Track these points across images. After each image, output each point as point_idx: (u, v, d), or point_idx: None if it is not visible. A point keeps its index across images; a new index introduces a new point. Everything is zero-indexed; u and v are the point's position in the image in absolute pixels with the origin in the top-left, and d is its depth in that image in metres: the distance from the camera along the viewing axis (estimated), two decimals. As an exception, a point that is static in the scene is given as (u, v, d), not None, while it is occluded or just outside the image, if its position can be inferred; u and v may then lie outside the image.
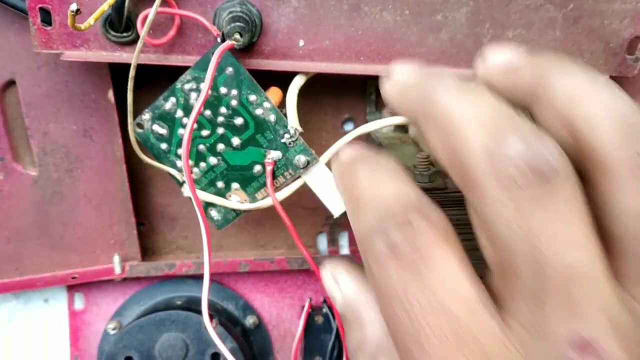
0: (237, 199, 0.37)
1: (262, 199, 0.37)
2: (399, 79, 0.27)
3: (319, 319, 0.46)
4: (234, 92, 0.34)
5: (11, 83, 0.39)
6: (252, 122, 0.35)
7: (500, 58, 0.24)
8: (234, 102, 0.35)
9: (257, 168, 0.36)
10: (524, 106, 0.22)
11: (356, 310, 0.26)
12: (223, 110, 0.35)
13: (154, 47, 0.35)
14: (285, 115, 0.35)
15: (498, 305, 0.20)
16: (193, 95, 0.35)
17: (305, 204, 0.45)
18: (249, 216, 0.45)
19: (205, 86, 0.31)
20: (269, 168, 0.35)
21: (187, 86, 0.35)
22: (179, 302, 0.47)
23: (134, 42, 0.34)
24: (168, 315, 0.44)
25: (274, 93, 0.36)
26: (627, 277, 0.19)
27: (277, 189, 0.36)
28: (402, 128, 0.41)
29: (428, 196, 0.31)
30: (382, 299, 0.21)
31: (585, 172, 0.20)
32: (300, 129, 0.35)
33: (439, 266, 0.20)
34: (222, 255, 0.45)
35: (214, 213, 0.38)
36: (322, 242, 0.46)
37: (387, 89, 0.27)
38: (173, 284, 0.47)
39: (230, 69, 0.34)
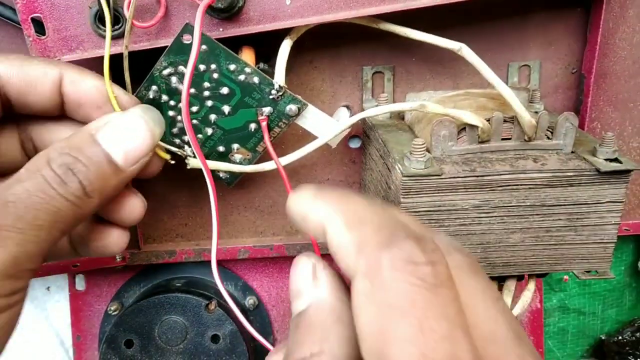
0: (239, 157, 0.39)
1: (263, 150, 0.39)
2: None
3: (317, 299, 0.47)
4: (213, 66, 0.36)
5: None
6: (238, 88, 0.36)
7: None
8: (215, 75, 0.36)
9: (253, 126, 0.38)
10: None
11: (325, 318, 0.23)
12: (206, 84, 0.36)
13: (145, 30, 0.35)
14: (263, 70, 0.37)
15: None
16: (173, 79, 0.36)
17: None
18: (248, 204, 0.46)
19: (194, 47, 0.31)
20: (263, 124, 0.37)
21: (165, 72, 0.36)
22: (178, 284, 0.47)
23: (124, 34, 0.35)
24: (167, 298, 0.45)
25: (247, 54, 0.37)
26: None
27: (274, 139, 0.38)
28: (398, 115, 0.42)
29: (424, 182, 0.32)
30: (388, 305, 0.19)
31: None
32: (284, 84, 0.37)
33: (449, 297, 0.19)
34: (221, 243, 0.46)
35: (222, 173, 0.40)
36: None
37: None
38: (173, 265, 0.48)
39: (204, 47, 0.35)
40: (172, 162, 0.36)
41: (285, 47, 0.37)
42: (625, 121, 0.44)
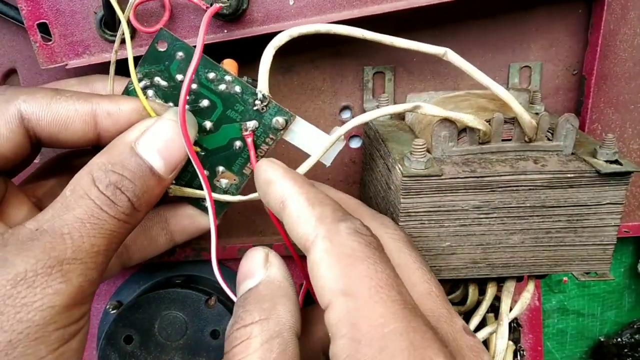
0: (225, 182, 0.36)
1: (251, 173, 0.36)
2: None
3: (317, 298, 0.47)
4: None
5: (12, 72, 0.39)
6: (219, 99, 0.34)
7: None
8: (194, 86, 0.33)
9: (237, 144, 0.35)
10: None
11: (274, 292, 0.28)
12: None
13: (150, 34, 0.35)
14: (249, 82, 0.34)
15: None
16: (150, 92, 0.34)
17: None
18: (247, 203, 0.45)
19: (195, 56, 0.30)
20: (249, 140, 0.34)
21: (140, 84, 0.33)
22: (177, 281, 0.47)
23: (130, 38, 0.35)
24: (167, 293, 0.45)
25: (230, 65, 0.35)
26: None
27: (262, 158, 0.34)
28: (399, 115, 0.42)
29: (424, 182, 0.32)
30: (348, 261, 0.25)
31: None
32: (268, 93, 0.34)
33: (386, 257, 0.27)
34: (221, 242, 0.46)
35: (206, 203, 0.36)
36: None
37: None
38: (172, 264, 0.48)
39: (180, 53, 0.33)
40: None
41: (268, 54, 0.34)
42: (626, 123, 0.44)
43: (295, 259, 0.36)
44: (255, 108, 0.34)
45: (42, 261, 0.25)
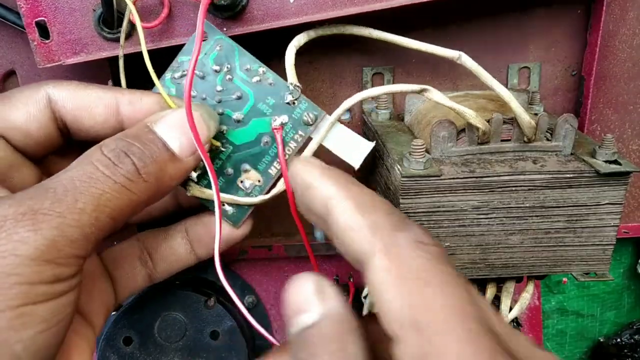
0: (249, 182, 0.35)
1: (276, 174, 0.35)
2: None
3: (316, 298, 0.47)
4: (228, 66, 0.34)
5: (11, 73, 0.40)
6: (251, 92, 0.34)
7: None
8: (228, 77, 0.34)
9: (265, 139, 0.34)
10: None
11: (340, 329, 0.24)
12: (218, 88, 0.34)
13: (149, 30, 0.35)
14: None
15: None
16: (185, 81, 0.34)
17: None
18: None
19: (195, 49, 0.30)
20: (278, 135, 0.34)
21: (177, 74, 0.34)
22: (177, 282, 0.47)
23: (129, 35, 0.35)
24: (166, 294, 0.45)
25: None
26: None
27: (290, 157, 0.34)
28: (398, 116, 0.42)
29: (423, 183, 0.32)
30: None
31: None
32: (299, 84, 0.34)
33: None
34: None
35: (227, 207, 0.36)
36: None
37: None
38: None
39: (219, 45, 0.34)
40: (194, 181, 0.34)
41: (290, 52, 0.35)
42: (625, 123, 0.44)
43: (312, 263, 0.36)
44: (286, 101, 0.34)
45: (13, 207, 0.24)
